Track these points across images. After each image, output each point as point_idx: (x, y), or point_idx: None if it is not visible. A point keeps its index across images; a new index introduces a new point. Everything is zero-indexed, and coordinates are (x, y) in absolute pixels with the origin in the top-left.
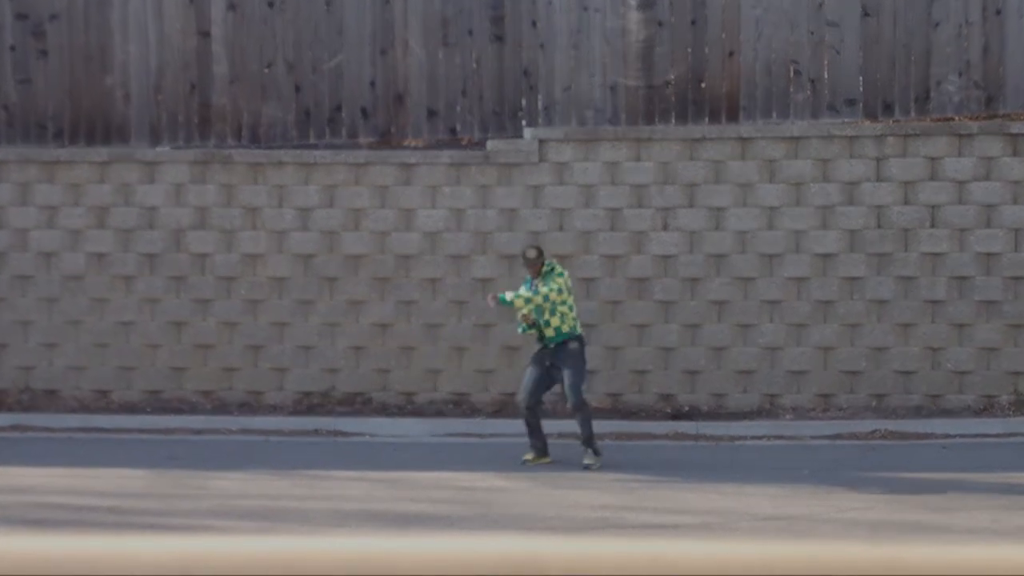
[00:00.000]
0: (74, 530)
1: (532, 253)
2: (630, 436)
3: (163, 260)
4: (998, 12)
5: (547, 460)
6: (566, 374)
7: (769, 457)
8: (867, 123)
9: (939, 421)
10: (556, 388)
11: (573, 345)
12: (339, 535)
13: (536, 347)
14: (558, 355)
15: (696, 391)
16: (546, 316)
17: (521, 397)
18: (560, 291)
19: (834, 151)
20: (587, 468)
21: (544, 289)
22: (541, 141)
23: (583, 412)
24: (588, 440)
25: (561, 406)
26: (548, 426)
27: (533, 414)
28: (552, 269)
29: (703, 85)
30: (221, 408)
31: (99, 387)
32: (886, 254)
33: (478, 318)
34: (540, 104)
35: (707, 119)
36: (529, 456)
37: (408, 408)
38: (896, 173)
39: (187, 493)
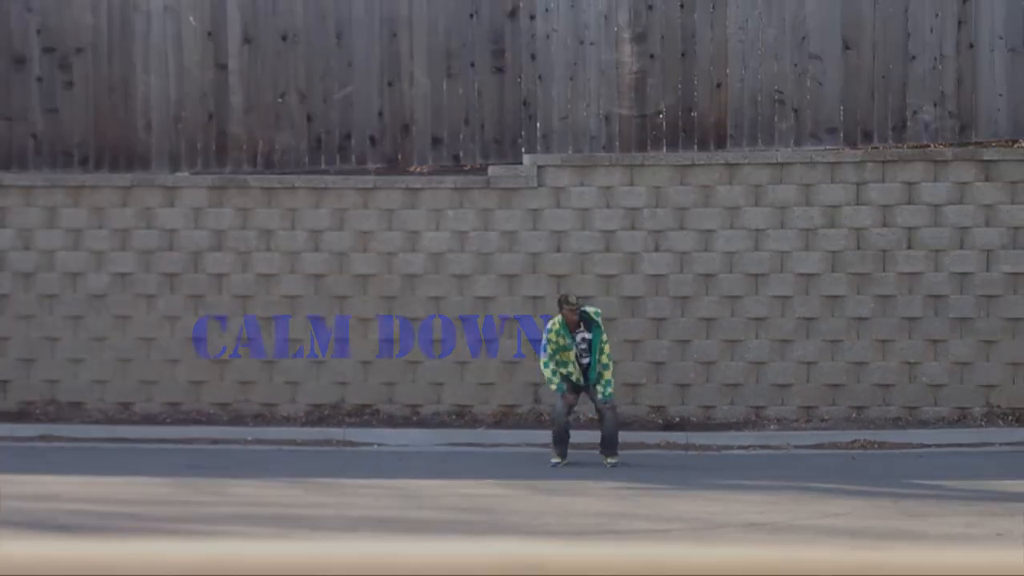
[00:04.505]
0: (99, 535)
1: (574, 299)
2: (624, 446)
3: (182, 280)
4: (971, 46)
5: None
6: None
7: (755, 466)
8: (847, 150)
9: (916, 432)
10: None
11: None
12: (349, 539)
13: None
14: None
15: (686, 403)
16: (585, 359)
17: (560, 417)
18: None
19: (816, 176)
20: (615, 466)
21: (606, 347)
22: (540, 167)
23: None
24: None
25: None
26: (543, 436)
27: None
28: (588, 315)
29: (693, 114)
30: (237, 419)
31: (122, 399)
32: (865, 274)
33: (479, 335)
34: (539, 132)
35: (696, 146)
36: (557, 459)
37: (413, 419)
38: (875, 197)
39: (206, 500)
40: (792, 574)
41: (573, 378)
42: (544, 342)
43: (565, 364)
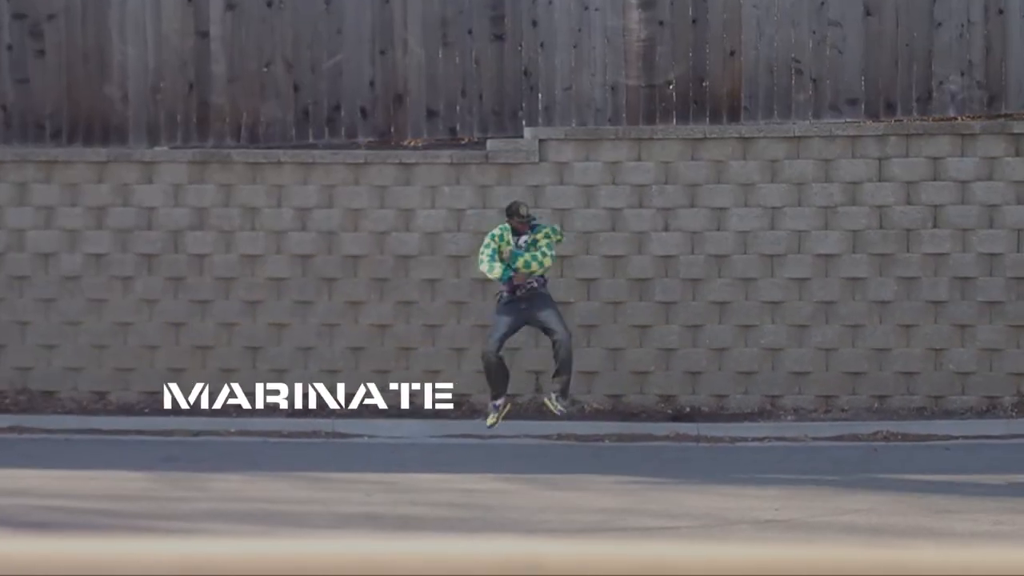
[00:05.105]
0: (72, 532)
1: (524, 210)
2: (631, 437)
3: (161, 261)
4: (1000, 12)
5: (509, 407)
6: (550, 313)
7: (770, 459)
8: (869, 123)
9: (941, 423)
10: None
11: (545, 288)
12: (338, 537)
13: (500, 298)
14: (535, 300)
15: (697, 392)
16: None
17: (494, 343)
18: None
19: (836, 151)
20: (562, 414)
21: (547, 248)
22: (541, 141)
23: (571, 344)
24: (567, 385)
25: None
26: (545, 428)
27: (502, 359)
28: (534, 218)
29: (704, 85)
30: (219, 409)
31: (97, 388)
32: (888, 255)
33: (477, 319)
34: (540, 104)
35: (708, 119)
36: (492, 419)
37: (407, 409)
38: (898, 173)
39: (185, 495)
40: (809, 574)
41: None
42: (487, 240)
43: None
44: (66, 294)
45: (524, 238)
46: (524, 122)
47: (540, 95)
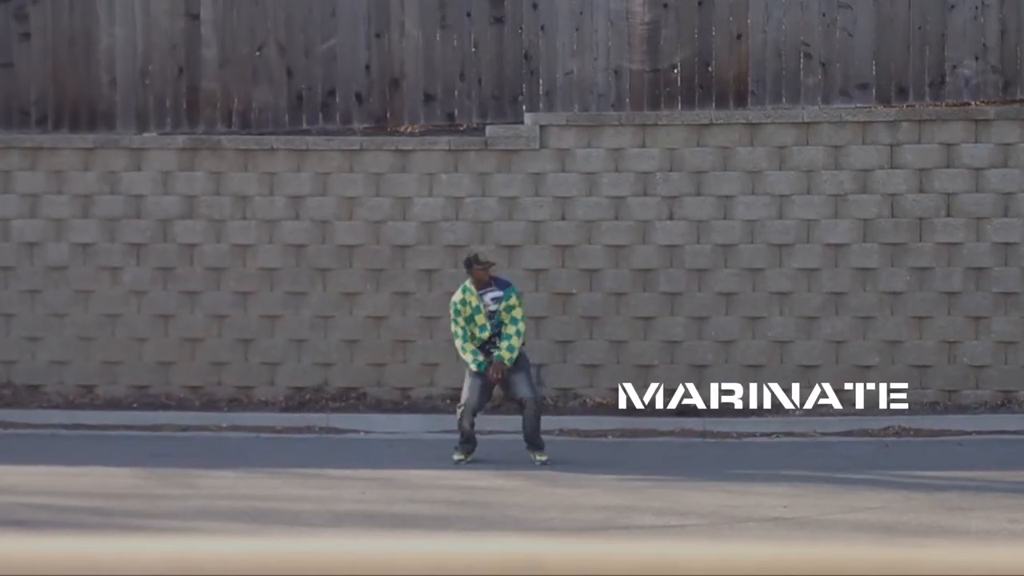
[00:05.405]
0: (57, 531)
1: (483, 256)
2: (634, 433)
3: (150, 251)
4: None
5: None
6: (522, 377)
7: (778, 455)
8: (880, 108)
9: (955, 417)
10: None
11: (522, 351)
12: (332, 536)
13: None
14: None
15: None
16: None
17: (469, 416)
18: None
19: (846, 137)
20: (544, 464)
21: (522, 320)
22: (542, 127)
23: (539, 409)
24: (539, 434)
25: (563, 402)
26: (547, 422)
27: (473, 426)
28: (501, 278)
29: (710, 69)
30: (210, 404)
31: (83, 382)
32: (900, 244)
33: None
34: (541, 88)
35: (714, 104)
36: (461, 456)
37: (404, 404)
38: (910, 160)
39: (174, 493)
40: (820, 574)
41: (486, 337)
42: (452, 313)
43: (482, 328)
44: (51, 285)
45: (491, 294)
46: (524, 107)
47: (541, 79)
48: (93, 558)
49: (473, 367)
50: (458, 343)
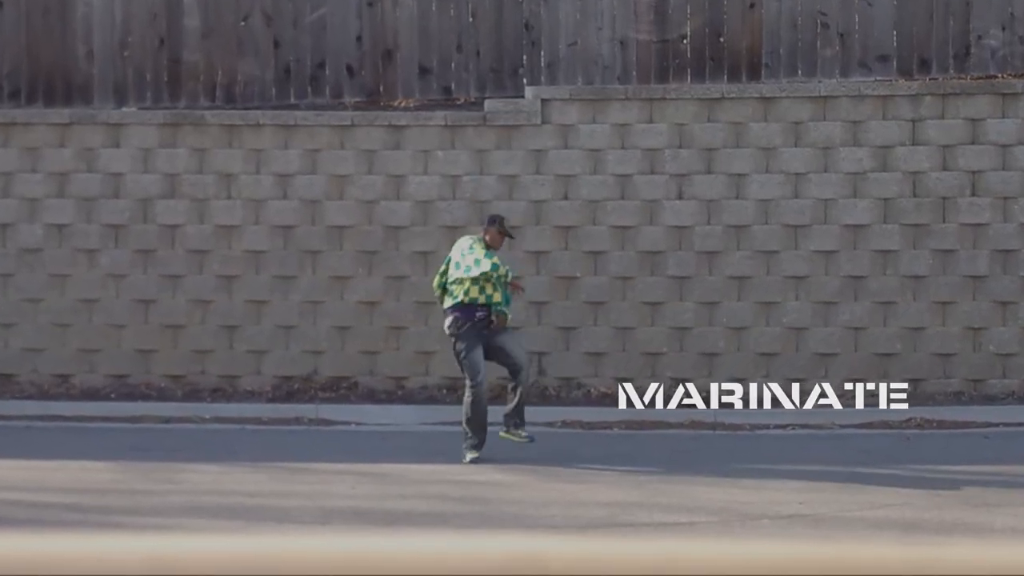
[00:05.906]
0: (32, 529)
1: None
2: (641, 425)
3: (129, 232)
4: None
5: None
6: (512, 336)
7: (793, 448)
8: (901, 81)
9: (980, 408)
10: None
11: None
12: (322, 534)
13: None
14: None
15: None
16: (490, 290)
17: (483, 380)
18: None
19: (865, 112)
20: (532, 440)
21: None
22: (544, 101)
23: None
24: (523, 408)
25: (566, 392)
26: (548, 413)
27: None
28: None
29: (722, 40)
30: (192, 394)
31: (59, 371)
32: (922, 225)
33: None
34: (543, 60)
35: (726, 77)
36: (476, 454)
37: (398, 394)
38: (933, 136)
39: (155, 488)
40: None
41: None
42: (490, 268)
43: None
44: (25, 268)
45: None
46: (525, 81)
47: (543, 51)
48: (70, 557)
49: (490, 263)
50: (485, 263)
